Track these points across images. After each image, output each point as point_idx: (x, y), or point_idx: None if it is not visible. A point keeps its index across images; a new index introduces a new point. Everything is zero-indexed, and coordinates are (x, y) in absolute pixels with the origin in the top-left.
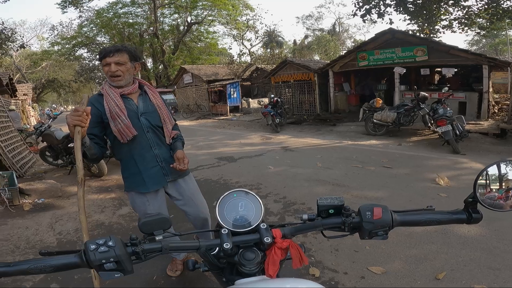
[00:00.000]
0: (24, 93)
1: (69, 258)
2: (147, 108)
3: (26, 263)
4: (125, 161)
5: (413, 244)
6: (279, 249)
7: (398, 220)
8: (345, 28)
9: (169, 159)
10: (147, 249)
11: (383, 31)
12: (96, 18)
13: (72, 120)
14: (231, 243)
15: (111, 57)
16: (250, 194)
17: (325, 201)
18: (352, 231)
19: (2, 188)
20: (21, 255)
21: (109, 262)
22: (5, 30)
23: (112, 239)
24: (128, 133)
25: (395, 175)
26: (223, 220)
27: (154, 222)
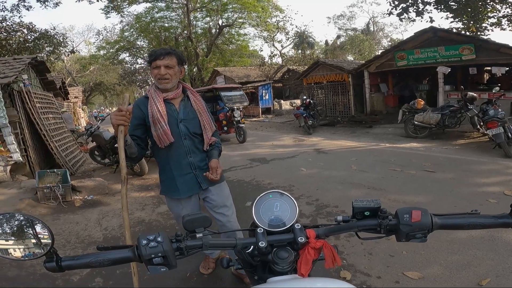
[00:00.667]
0: (75, 96)
1: (124, 252)
2: (187, 115)
3: (87, 257)
4: (161, 165)
5: (456, 250)
6: (313, 249)
7: (438, 223)
8: (380, 27)
9: (203, 166)
10: (190, 245)
11: (424, 30)
12: (135, 23)
13: (116, 120)
14: (266, 242)
15: (161, 60)
16: (285, 195)
17: (361, 203)
18: (388, 233)
19: (56, 184)
20: (71, 249)
21: (157, 257)
22: (57, 35)
23: (161, 235)
24: (166, 140)
25: (438, 180)
26: (259, 220)
27: (196, 220)
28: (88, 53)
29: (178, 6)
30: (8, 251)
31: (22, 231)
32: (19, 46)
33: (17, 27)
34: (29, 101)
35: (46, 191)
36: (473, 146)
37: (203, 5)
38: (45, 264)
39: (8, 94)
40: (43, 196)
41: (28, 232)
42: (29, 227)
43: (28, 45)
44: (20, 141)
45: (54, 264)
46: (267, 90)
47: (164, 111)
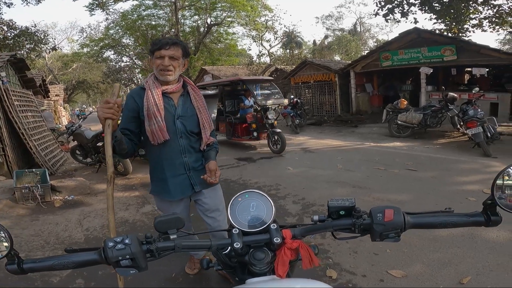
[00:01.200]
0: (56, 94)
1: (90, 255)
2: (185, 111)
3: (51, 259)
4: (153, 163)
5: (437, 248)
6: (289, 250)
7: (411, 222)
8: (366, 27)
9: (198, 167)
10: (161, 247)
11: (408, 31)
12: (121, 21)
13: (103, 112)
14: (241, 243)
15: (166, 50)
16: (261, 195)
17: (336, 202)
18: (363, 233)
19: (35, 184)
20: (50, 250)
21: (125, 259)
22: (37, 33)
23: (128, 237)
24: (161, 136)
25: (420, 178)
26: (235, 220)
27: (169, 221)
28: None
29: (166, 4)
30: None
31: None
32: None
33: None
34: (7, 99)
35: (24, 191)
36: (454, 145)
37: (192, 3)
38: (6, 267)
39: None
40: (21, 196)
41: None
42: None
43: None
44: None
45: (16, 267)
46: None
47: (162, 105)
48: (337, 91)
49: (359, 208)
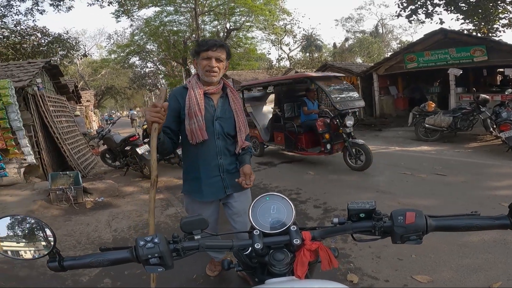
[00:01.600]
0: (87, 99)
1: (122, 253)
2: (224, 113)
3: (88, 257)
4: (188, 163)
5: (467, 254)
6: (308, 251)
7: (433, 225)
8: (389, 29)
9: (231, 170)
10: (186, 246)
11: (434, 31)
12: (145, 27)
13: (151, 116)
14: (262, 244)
15: (213, 51)
16: (282, 197)
17: (356, 205)
18: (383, 235)
19: (68, 186)
20: (81, 250)
21: (154, 257)
22: (69, 39)
23: (157, 237)
24: (200, 136)
25: (449, 183)
26: (256, 222)
27: (194, 223)
28: (99, 57)
29: (186, 10)
30: (12, 251)
31: (25, 233)
32: (33, 50)
33: (31, 31)
34: (43, 104)
35: (58, 193)
36: (486, 149)
37: (211, 9)
38: (48, 264)
39: (23, 97)
40: (56, 197)
41: (31, 233)
42: (32, 228)
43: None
44: (34, 143)
45: (57, 264)
46: None
47: (203, 105)
48: (360, 94)
49: (379, 210)
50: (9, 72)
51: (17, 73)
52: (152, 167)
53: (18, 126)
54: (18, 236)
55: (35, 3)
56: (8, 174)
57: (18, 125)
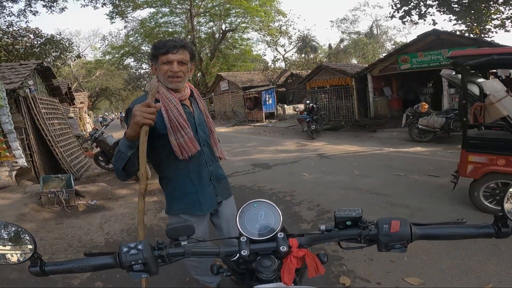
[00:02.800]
0: (81, 101)
1: (106, 259)
2: (200, 118)
3: (71, 262)
4: (177, 180)
5: (458, 256)
6: (295, 258)
7: (417, 234)
8: (383, 30)
9: (219, 176)
10: (172, 253)
11: (426, 33)
12: (140, 28)
13: (143, 117)
14: (248, 250)
15: (174, 54)
16: (270, 204)
17: (343, 213)
18: (369, 243)
19: (60, 189)
20: (73, 253)
21: (137, 263)
22: (63, 41)
23: (141, 243)
24: (192, 148)
25: (442, 185)
26: (243, 229)
27: (180, 229)
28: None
29: (181, 11)
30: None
31: (6, 238)
32: (26, 51)
33: (23, 32)
34: (35, 106)
35: (50, 196)
36: None
37: (207, 10)
38: (29, 269)
39: (14, 99)
40: (47, 200)
41: (13, 238)
42: (11, 233)
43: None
44: (25, 146)
45: (38, 269)
46: (271, 95)
47: (185, 115)
48: (354, 95)
49: (365, 219)
50: (0, 74)
51: (8, 75)
52: (141, 175)
53: (9, 129)
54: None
55: (28, 4)
56: (0, 177)
57: (9, 128)
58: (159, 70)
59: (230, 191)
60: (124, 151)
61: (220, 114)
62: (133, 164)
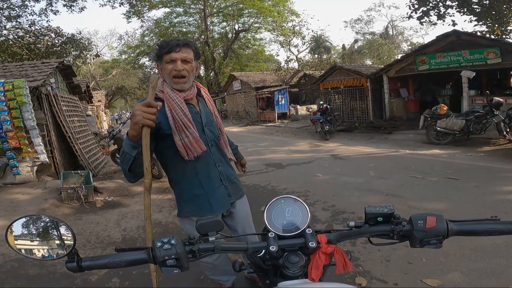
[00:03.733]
0: (98, 99)
1: (139, 254)
2: (208, 117)
3: (105, 258)
4: (185, 182)
5: (479, 258)
6: (324, 254)
7: (454, 230)
8: (399, 31)
9: (230, 176)
10: (202, 248)
11: (446, 33)
12: (155, 28)
13: (143, 118)
14: (277, 246)
15: (177, 53)
16: (297, 200)
17: (374, 209)
18: (401, 239)
19: (79, 185)
20: (91, 249)
21: (170, 258)
22: (82, 40)
23: (174, 238)
24: (197, 149)
25: (462, 188)
26: (270, 224)
27: (209, 224)
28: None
29: (195, 11)
30: (32, 251)
31: (46, 232)
32: (47, 50)
33: (45, 31)
34: (56, 104)
35: (69, 192)
36: (499, 153)
37: (220, 10)
38: (67, 264)
39: (37, 97)
40: (67, 196)
41: (53, 233)
42: (53, 228)
43: (55, 49)
44: (46, 142)
45: (75, 265)
46: (283, 95)
47: (189, 114)
48: (369, 97)
49: (399, 214)
50: (24, 72)
51: (31, 73)
52: (146, 171)
53: (31, 125)
54: (37, 236)
55: (49, 4)
56: (21, 173)
57: (31, 124)
58: (163, 70)
59: (242, 191)
60: (128, 151)
61: (232, 113)
62: (139, 164)
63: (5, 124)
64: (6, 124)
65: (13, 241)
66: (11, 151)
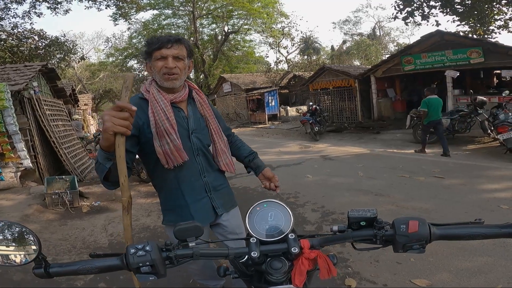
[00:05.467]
0: (85, 103)
1: (112, 260)
2: (198, 123)
3: (76, 264)
4: (167, 190)
5: (466, 257)
6: (307, 260)
7: (437, 234)
8: (386, 31)
9: (218, 187)
10: (180, 254)
11: (430, 33)
12: (143, 30)
13: (113, 124)
14: (258, 252)
15: (169, 49)
16: (280, 204)
17: (357, 213)
18: (385, 244)
19: (64, 191)
20: (76, 254)
21: (145, 265)
22: (67, 42)
23: (149, 244)
24: (178, 158)
25: (448, 186)
26: (253, 229)
27: (188, 229)
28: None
29: (184, 13)
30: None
31: (11, 238)
32: (31, 53)
33: (28, 34)
34: (39, 108)
35: (54, 197)
36: (484, 151)
37: (209, 12)
38: (34, 270)
39: (19, 101)
40: (51, 202)
41: (18, 239)
42: (15, 233)
43: (39, 52)
44: (30, 147)
45: (42, 271)
46: (273, 97)
47: (174, 119)
48: (358, 97)
49: (381, 219)
50: (5, 76)
51: (13, 77)
52: (122, 188)
53: (14, 130)
54: (4, 241)
55: (32, 6)
56: (4, 178)
57: (14, 129)
58: (153, 67)
59: (233, 202)
60: (102, 162)
61: (223, 115)
62: (116, 175)
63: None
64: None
65: None
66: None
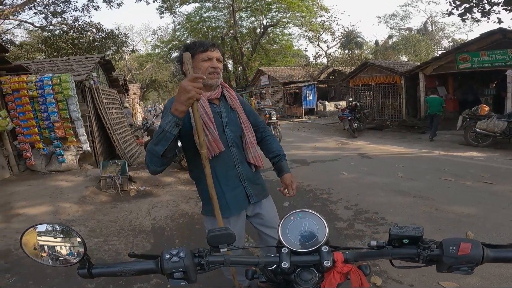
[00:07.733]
0: (134, 92)
1: (148, 264)
2: (230, 117)
3: (115, 266)
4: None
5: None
6: (339, 274)
7: (490, 256)
8: (440, 27)
9: (252, 178)
10: (211, 261)
11: (491, 31)
12: (186, 22)
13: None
14: (289, 263)
15: (213, 52)
16: (315, 215)
17: (400, 230)
18: (428, 263)
19: (116, 174)
20: (124, 236)
21: (178, 271)
22: (120, 35)
23: (183, 250)
24: (216, 148)
25: (496, 192)
26: (285, 239)
27: (220, 236)
28: (144, 52)
29: (224, 6)
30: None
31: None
32: (89, 45)
33: (87, 27)
34: (98, 97)
35: (107, 180)
36: None
37: (248, 5)
38: (78, 271)
39: (81, 90)
40: (105, 184)
41: (64, 240)
42: (64, 236)
43: (96, 44)
44: (88, 133)
45: (86, 271)
46: (311, 91)
47: (211, 114)
48: (403, 95)
49: (427, 239)
50: (69, 67)
51: (76, 68)
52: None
53: (76, 117)
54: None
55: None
56: (66, 160)
57: (76, 116)
58: (197, 68)
59: (266, 191)
60: (169, 129)
61: None
62: (172, 148)
63: (53, 115)
64: (54, 115)
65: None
66: (58, 140)
